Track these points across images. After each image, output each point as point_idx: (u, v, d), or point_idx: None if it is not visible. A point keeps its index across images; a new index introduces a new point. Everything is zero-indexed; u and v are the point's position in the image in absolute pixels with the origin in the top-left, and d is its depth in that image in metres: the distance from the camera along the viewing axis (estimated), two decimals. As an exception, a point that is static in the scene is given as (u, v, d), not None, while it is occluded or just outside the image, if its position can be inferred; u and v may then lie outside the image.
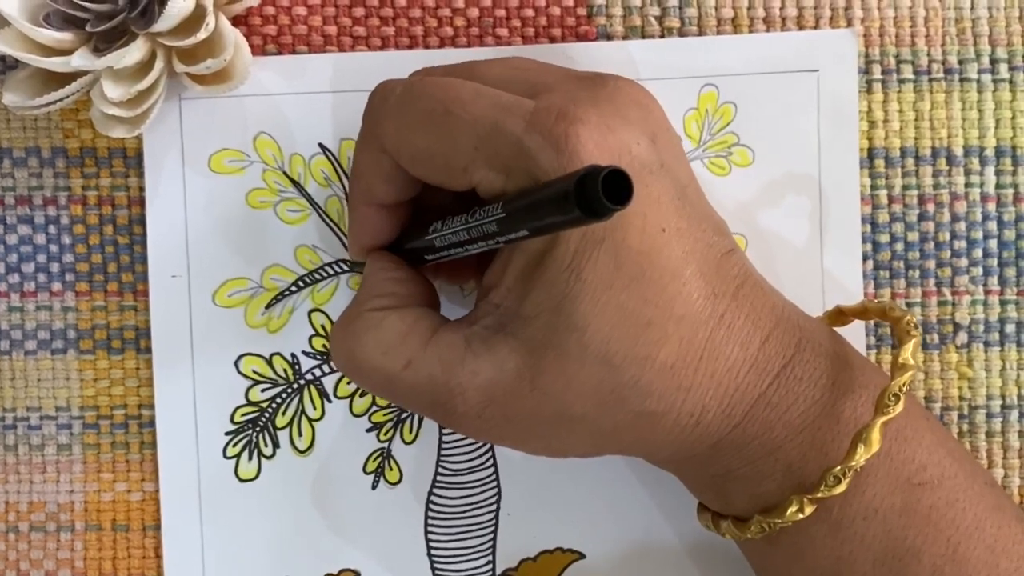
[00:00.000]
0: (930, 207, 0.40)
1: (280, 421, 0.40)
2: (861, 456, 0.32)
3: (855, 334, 0.39)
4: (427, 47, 0.40)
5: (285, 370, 0.40)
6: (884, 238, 0.40)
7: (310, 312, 0.40)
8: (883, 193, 0.40)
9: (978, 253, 0.40)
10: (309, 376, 0.40)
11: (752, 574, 0.37)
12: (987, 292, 0.40)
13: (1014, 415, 0.40)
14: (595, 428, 0.33)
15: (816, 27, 0.40)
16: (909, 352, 0.33)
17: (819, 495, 0.32)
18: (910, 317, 0.34)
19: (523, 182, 0.31)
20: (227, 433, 0.40)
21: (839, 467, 0.32)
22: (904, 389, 0.32)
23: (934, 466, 0.33)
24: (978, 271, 0.40)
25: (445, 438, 0.40)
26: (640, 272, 0.32)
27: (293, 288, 0.40)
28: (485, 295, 0.34)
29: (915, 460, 0.33)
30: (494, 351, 0.33)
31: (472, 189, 0.33)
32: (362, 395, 0.40)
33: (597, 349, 0.32)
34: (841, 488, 0.32)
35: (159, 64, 0.37)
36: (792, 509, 0.33)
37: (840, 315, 0.37)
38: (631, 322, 0.32)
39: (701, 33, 0.40)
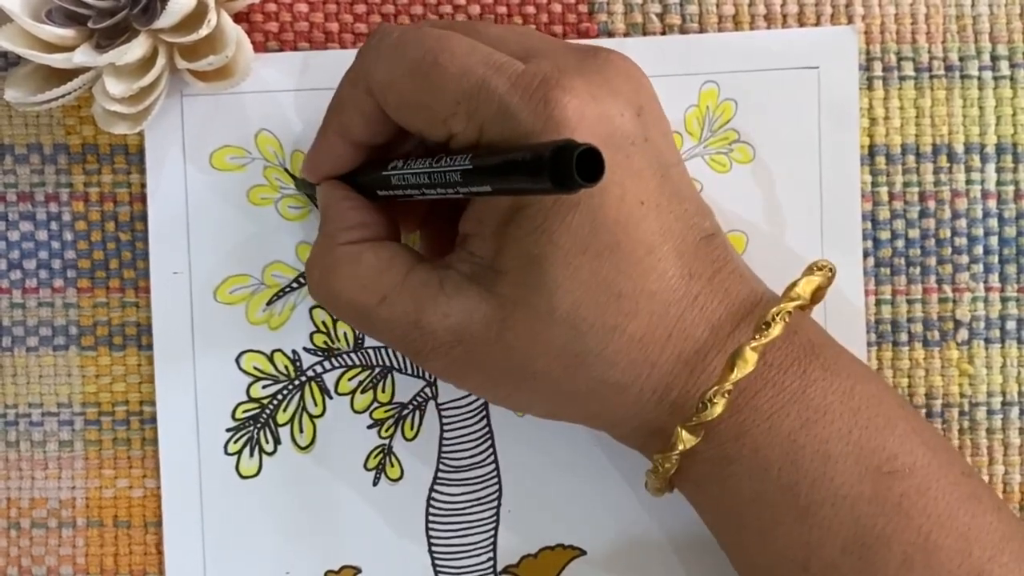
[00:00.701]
0: (931, 204, 0.40)
1: (281, 418, 0.40)
2: (733, 376, 0.32)
3: (856, 333, 0.39)
4: (428, 44, 0.40)
5: (286, 367, 0.40)
6: (885, 235, 0.40)
7: (311, 309, 0.40)
8: (884, 190, 0.40)
9: (979, 250, 0.40)
10: (310, 373, 0.40)
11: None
12: (988, 289, 0.40)
13: (1015, 412, 0.40)
14: (557, 389, 0.34)
15: (817, 24, 0.40)
16: (801, 285, 0.33)
17: (695, 420, 0.32)
18: (827, 263, 0.34)
19: (497, 140, 0.32)
20: (228, 430, 0.40)
21: (714, 388, 0.32)
22: (779, 318, 0.32)
23: (906, 454, 0.33)
24: (979, 268, 0.40)
25: (446, 435, 0.40)
26: (615, 242, 0.32)
27: (294, 285, 0.40)
28: (462, 242, 0.34)
29: (885, 448, 0.33)
30: (466, 296, 0.33)
31: (445, 142, 0.33)
32: (363, 392, 0.40)
33: (565, 312, 0.32)
34: (718, 410, 0.32)
35: (161, 61, 0.37)
36: (674, 441, 0.33)
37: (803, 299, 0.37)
38: (602, 290, 0.32)
39: (702, 30, 0.40)
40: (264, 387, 0.40)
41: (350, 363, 0.40)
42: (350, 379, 0.40)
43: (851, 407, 0.33)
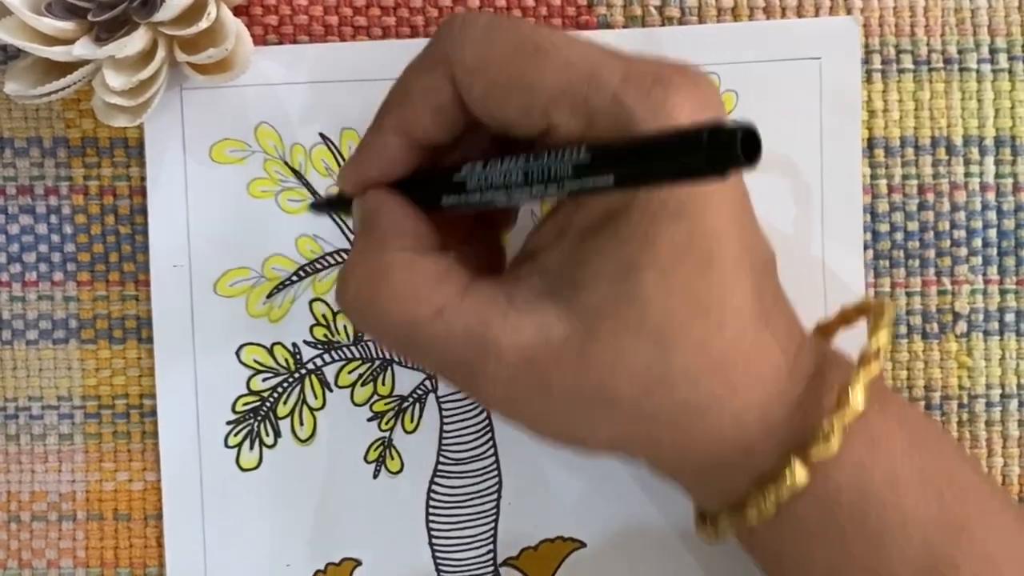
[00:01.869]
0: (930, 196, 0.40)
1: (281, 410, 0.40)
2: (851, 410, 0.31)
3: (856, 334, 0.39)
4: (428, 37, 0.40)
5: (286, 359, 0.40)
6: (884, 227, 0.40)
7: (311, 302, 0.40)
8: (883, 183, 0.40)
9: (977, 242, 0.40)
10: (310, 365, 0.40)
11: (747, 563, 0.37)
12: (987, 281, 0.40)
13: (1013, 404, 0.40)
14: (632, 414, 0.31)
15: (816, 16, 0.40)
16: (880, 335, 0.33)
17: (812, 457, 0.31)
18: (885, 300, 0.34)
19: (605, 135, 0.30)
20: (228, 423, 0.40)
21: (832, 422, 0.31)
22: (877, 356, 0.32)
23: (963, 477, 0.33)
24: (978, 260, 0.40)
25: (446, 427, 0.41)
26: (710, 255, 0.30)
27: (294, 278, 0.40)
28: (530, 258, 0.32)
29: (945, 471, 0.32)
30: (541, 312, 0.31)
31: (533, 138, 0.31)
32: (363, 384, 0.40)
33: (655, 325, 0.30)
34: (835, 446, 0.31)
35: (161, 53, 0.37)
36: (788, 475, 0.31)
37: (827, 328, 0.37)
38: (694, 304, 0.30)
39: (701, 22, 0.40)
40: (264, 380, 0.40)
41: (350, 356, 0.40)
42: (350, 372, 0.40)
43: (908, 430, 0.33)
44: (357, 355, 0.40)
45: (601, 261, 0.30)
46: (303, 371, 0.40)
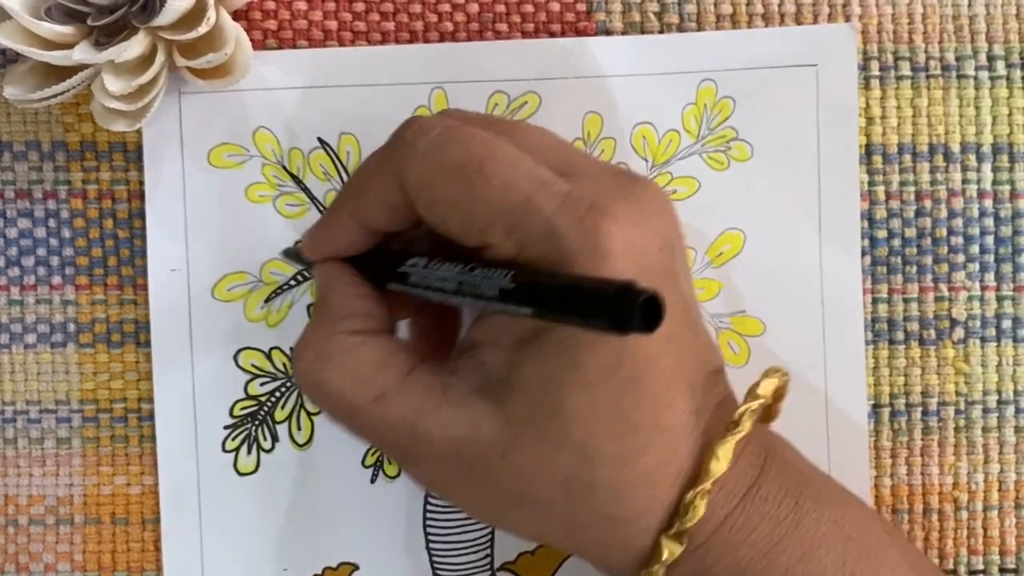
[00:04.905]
0: (927, 203, 0.40)
1: (279, 415, 0.40)
2: (711, 475, 0.32)
3: (855, 333, 0.40)
4: (427, 42, 0.40)
5: (284, 364, 0.40)
6: (881, 234, 0.40)
7: (309, 306, 0.40)
8: (881, 189, 0.40)
9: (975, 249, 0.40)
10: (308, 370, 0.40)
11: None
12: (984, 288, 0.40)
13: (1010, 411, 0.40)
14: (554, 517, 0.32)
15: (814, 24, 0.40)
16: (762, 385, 0.33)
17: (677, 527, 0.32)
18: (782, 369, 0.34)
19: (537, 259, 0.31)
20: (226, 427, 0.40)
21: (693, 491, 0.32)
22: (745, 416, 0.32)
23: None
24: (975, 267, 0.40)
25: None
26: (638, 375, 0.31)
27: (292, 282, 0.40)
28: (470, 349, 0.33)
29: None
30: (472, 408, 0.32)
31: (474, 248, 0.32)
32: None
33: (579, 441, 0.31)
34: (699, 512, 0.31)
35: (160, 58, 0.37)
36: (657, 552, 0.32)
37: (767, 410, 0.36)
38: (620, 423, 0.31)
39: (700, 29, 0.40)
40: (262, 384, 0.40)
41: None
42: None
43: (843, 536, 0.33)
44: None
45: (531, 371, 0.31)
46: (301, 375, 0.40)
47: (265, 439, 0.40)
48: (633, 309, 0.26)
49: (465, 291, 0.31)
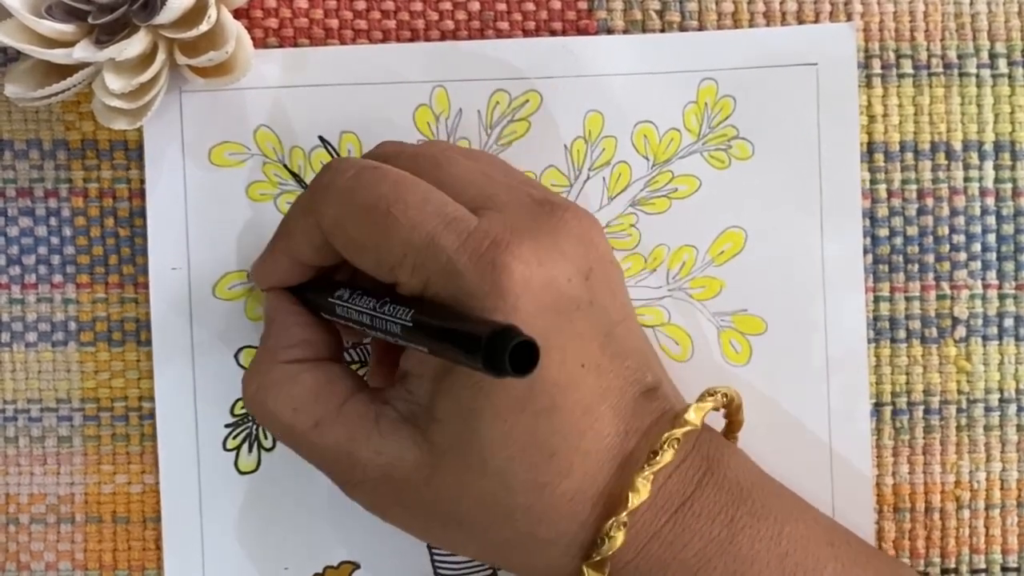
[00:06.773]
0: (929, 201, 0.40)
1: (280, 413, 0.40)
2: (629, 507, 0.32)
3: (857, 331, 0.40)
4: (428, 40, 0.40)
5: (285, 363, 0.40)
6: (883, 232, 0.40)
7: (310, 305, 0.40)
8: (882, 187, 0.40)
9: (977, 247, 0.40)
10: (309, 369, 0.40)
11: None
12: (986, 286, 0.40)
13: (1012, 409, 0.40)
14: (482, 538, 0.34)
15: (816, 22, 0.40)
16: (690, 411, 0.33)
17: (596, 556, 0.32)
18: (723, 389, 0.35)
19: (442, 296, 0.32)
20: (227, 425, 0.40)
21: (611, 522, 0.32)
22: (667, 444, 0.32)
23: None
24: (977, 265, 0.40)
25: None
26: (553, 403, 0.32)
27: (293, 281, 0.40)
28: (402, 378, 0.34)
29: None
30: (399, 437, 0.33)
31: (391, 284, 0.33)
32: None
33: (497, 467, 0.32)
34: (618, 542, 0.32)
35: (161, 56, 0.37)
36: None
37: (730, 422, 0.37)
38: (536, 449, 0.32)
39: (701, 27, 0.40)
40: (263, 383, 0.40)
41: (348, 359, 0.40)
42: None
43: (778, 553, 0.33)
44: (356, 358, 0.40)
45: (448, 403, 0.32)
46: (302, 374, 0.40)
47: (266, 437, 0.40)
48: (504, 354, 0.27)
49: (376, 326, 0.33)
